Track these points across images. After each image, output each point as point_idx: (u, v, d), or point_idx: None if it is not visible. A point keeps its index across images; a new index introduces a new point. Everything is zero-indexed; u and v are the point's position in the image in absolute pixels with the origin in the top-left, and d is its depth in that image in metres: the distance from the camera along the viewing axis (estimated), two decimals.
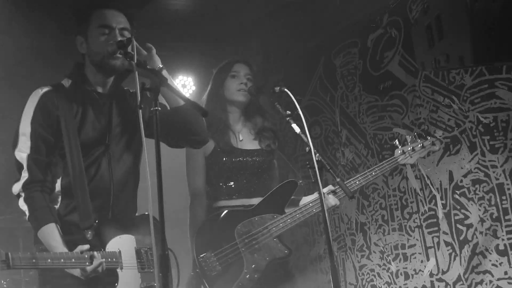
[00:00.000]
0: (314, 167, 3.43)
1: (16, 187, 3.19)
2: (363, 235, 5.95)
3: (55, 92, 3.30)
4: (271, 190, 4.15)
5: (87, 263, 3.00)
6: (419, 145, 4.33)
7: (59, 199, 3.29)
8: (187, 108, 3.32)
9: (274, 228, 3.99)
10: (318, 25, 6.27)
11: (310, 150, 3.51)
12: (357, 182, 4.16)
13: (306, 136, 3.55)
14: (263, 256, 3.95)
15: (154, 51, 3.35)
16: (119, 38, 3.22)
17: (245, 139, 4.26)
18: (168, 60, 3.61)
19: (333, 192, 4.11)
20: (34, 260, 2.89)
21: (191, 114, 3.36)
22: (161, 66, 3.33)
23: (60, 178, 3.28)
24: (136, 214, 3.51)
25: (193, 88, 7.02)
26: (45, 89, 3.30)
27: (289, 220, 4.02)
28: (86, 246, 3.05)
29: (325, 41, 6.34)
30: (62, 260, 2.96)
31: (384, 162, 4.29)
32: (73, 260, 2.99)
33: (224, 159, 4.17)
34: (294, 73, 6.61)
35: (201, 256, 3.89)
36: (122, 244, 3.22)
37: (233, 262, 3.91)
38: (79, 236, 3.16)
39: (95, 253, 3.04)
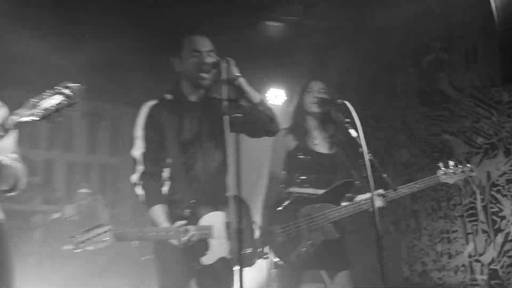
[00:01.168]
0: (365, 165, 3.35)
1: (134, 177, 3.30)
2: (415, 220, 5.76)
3: (161, 105, 3.39)
4: (333, 185, 4.08)
5: (183, 235, 3.07)
6: (459, 170, 4.14)
7: (167, 184, 3.36)
8: (261, 107, 3.36)
9: (330, 216, 3.92)
10: (383, 50, 6.12)
11: (362, 150, 3.41)
12: (403, 190, 4.02)
13: (360, 139, 3.46)
14: (318, 235, 3.89)
15: (233, 63, 3.28)
16: (207, 60, 3.28)
17: (319, 143, 4.21)
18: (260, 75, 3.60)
19: (382, 196, 3.98)
20: (140, 234, 3.04)
21: (263, 112, 3.38)
22: (238, 74, 3.30)
23: (167, 168, 3.36)
24: (226, 195, 3.49)
25: (284, 98, 7.04)
26: (152, 102, 3.40)
27: (343, 211, 3.95)
28: (183, 222, 3.12)
29: (390, 62, 6.17)
30: (163, 233, 3.07)
31: (427, 178, 4.12)
32: (171, 232, 3.07)
33: (301, 156, 4.13)
34: (363, 88, 6.48)
35: (270, 227, 3.86)
36: (213, 219, 3.25)
37: (293, 236, 3.85)
38: (179, 212, 3.21)
39: (190, 226, 3.10)
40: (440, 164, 4.12)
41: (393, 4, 5.05)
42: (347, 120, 3.64)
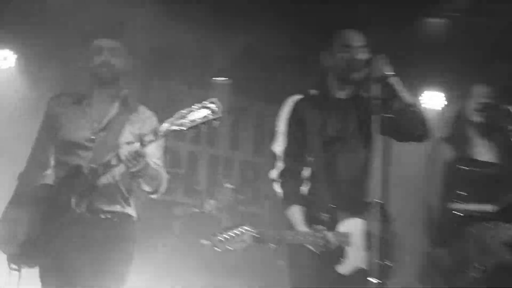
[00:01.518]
0: None
1: (273, 174, 3.22)
2: None
3: (305, 100, 3.29)
4: (506, 200, 3.57)
5: (321, 241, 2.96)
6: None
7: (307, 184, 3.21)
8: (413, 109, 3.12)
9: (503, 235, 3.48)
10: None
11: None
12: None
13: None
14: (490, 259, 3.44)
15: (386, 60, 3.05)
16: (358, 56, 3.13)
17: (483, 151, 3.74)
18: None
19: None
20: (278, 237, 2.97)
21: (415, 114, 3.13)
22: (389, 73, 3.05)
23: (308, 167, 3.21)
24: (368, 201, 3.21)
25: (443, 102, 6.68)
26: (297, 97, 3.31)
27: None
28: (321, 227, 2.99)
29: None
30: (301, 237, 3.01)
31: None
32: (309, 237, 2.99)
33: (462, 167, 3.69)
34: None
35: (433, 251, 3.57)
36: (353, 226, 3.09)
37: (460, 260, 3.47)
38: (317, 215, 3.08)
39: (328, 233, 2.98)
40: None
41: None
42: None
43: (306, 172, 3.23)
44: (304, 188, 3.22)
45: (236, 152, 7.24)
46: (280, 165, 3.20)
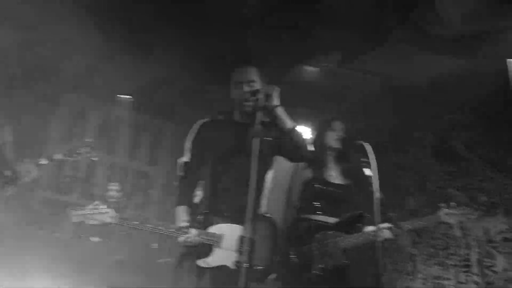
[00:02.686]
0: (376, 203, 3.40)
1: (174, 182, 3.49)
2: (412, 263, 5.73)
3: (210, 122, 3.59)
4: (346, 215, 4.11)
5: (183, 235, 3.17)
6: (460, 211, 4.12)
7: (201, 192, 3.47)
8: (294, 132, 3.40)
9: (341, 243, 3.96)
10: (408, 108, 6.15)
11: (376, 189, 3.47)
12: (407, 226, 4.04)
13: (375, 178, 3.51)
14: (329, 261, 3.93)
15: (275, 91, 3.34)
16: (247, 89, 3.42)
17: (334, 175, 4.26)
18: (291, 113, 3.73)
19: (390, 229, 4.00)
20: (141, 220, 3.16)
21: (296, 138, 3.41)
22: (277, 104, 3.35)
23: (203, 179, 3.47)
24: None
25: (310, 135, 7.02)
26: (204, 120, 3.61)
27: (353, 240, 3.97)
28: (186, 224, 3.22)
29: (411, 120, 6.19)
30: (160, 228, 3.18)
31: (431, 216, 4.12)
32: (171, 230, 3.18)
33: (317, 186, 4.19)
34: (384, 139, 6.50)
35: (285, 250, 3.89)
36: (227, 230, 3.26)
37: (306, 260, 3.90)
38: (197, 217, 3.31)
39: (193, 230, 3.19)
40: (442, 205, 4.12)
41: (426, 64, 5.05)
42: (364, 160, 3.71)
43: (203, 181, 3.47)
44: (199, 194, 3.46)
45: (133, 162, 7.44)
46: (180, 174, 3.47)
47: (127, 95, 6.76)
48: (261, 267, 3.26)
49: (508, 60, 3.25)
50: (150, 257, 6.12)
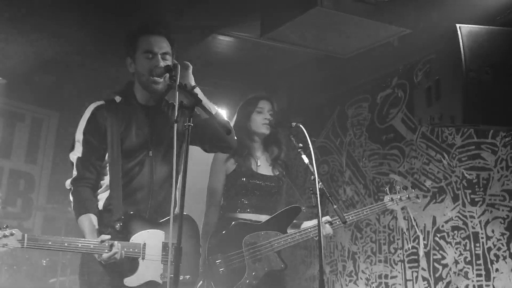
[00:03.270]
0: (316, 193, 3.41)
1: (67, 182, 3.26)
2: (353, 262, 5.88)
3: (106, 106, 3.32)
4: (278, 211, 4.12)
5: (106, 251, 2.98)
6: (405, 196, 4.30)
7: (106, 193, 3.27)
8: (217, 119, 3.26)
9: (276, 244, 3.96)
10: (337, 80, 6.31)
11: (314, 178, 3.48)
12: (350, 218, 4.13)
13: (313, 166, 3.53)
14: (263, 266, 3.92)
15: (190, 69, 3.26)
16: (161, 63, 3.20)
17: (262, 165, 4.23)
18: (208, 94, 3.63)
19: (330, 223, 4.06)
20: (50, 243, 2.92)
21: (219, 125, 3.27)
22: (194, 84, 3.26)
23: (107, 176, 3.28)
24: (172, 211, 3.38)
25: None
26: (98, 103, 3.33)
27: (289, 239, 3.99)
28: (107, 236, 3.02)
29: (342, 94, 6.36)
30: (79, 245, 2.97)
31: (374, 205, 4.29)
32: (91, 246, 2.98)
33: (243, 179, 4.13)
34: (312, 118, 6.62)
35: (211, 257, 3.85)
36: (149, 238, 3.16)
37: (236, 267, 3.86)
38: (112, 224, 3.14)
39: (115, 242, 3.01)
40: (387, 189, 4.26)
41: (353, 34, 5.21)
42: (300, 145, 3.72)
43: (106, 181, 3.26)
44: (103, 196, 3.26)
45: (7, 161, 7.05)
46: (74, 173, 3.22)
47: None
48: (189, 277, 3.20)
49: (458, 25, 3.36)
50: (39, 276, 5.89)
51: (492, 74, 3.36)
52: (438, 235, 5.01)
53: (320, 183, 3.49)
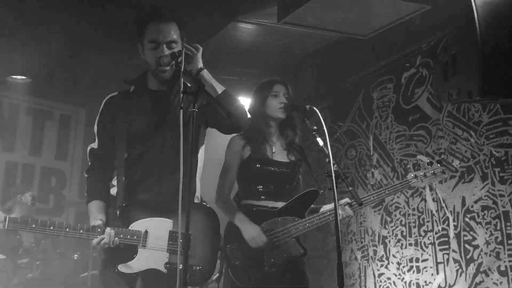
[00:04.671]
0: (332, 176, 3.34)
1: (85, 173, 3.35)
2: (383, 247, 5.79)
3: (119, 96, 3.36)
4: (295, 196, 4.05)
5: (97, 236, 3.00)
6: (430, 172, 4.16)
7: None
8: (224, 97, 3.21)
9: (293, 230, 3.88)
10: (361, 62, 6.22)
11: (329, 161, 3.41)
12: (371, 198, 4.04)
13: (327, 148, 3.46)
14: (282, 253, 3.86)
15: (200, 51, 3.20)
16: (166, 52, 3.17)
17: (277, 151, 4.15)
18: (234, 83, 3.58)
19: (349, 204, 3.98)
20: (34, 226, 2.97)
21: (229, 102, 3.22)
22: (201, 67, 3.20)
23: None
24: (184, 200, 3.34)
25: None
26: (111, 95, 3.38)
27: (307, 224, 3.92)
28: (98, 222, 3.06)
29: (366, 76, 6.26)
30: (67, 229, 3.01)
31: (397, 183, 4.15)
32: (81, 231, 3.02)
33: (257, 165, 4.04)
34: (338, 102, 6.54)
35: (228, 246, 3.81)
36: (153, 226, 3.13)
37: (254, 255, 3.80)
38: (115, 212, 3.15)
39: (108, 228, 3.02)
40: (410, 166, 4.14)
41: (373, 14, 5.12)
42: (315, 128, 3.65)
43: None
44: (115, 185, 3.25)
45: (38, 158, 7.17)
46: (89, 164, 3.30)
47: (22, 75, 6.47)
48: (200, 267, 3.15)
49: None
50: (71, 271, 5.97)
51: (509, 45, 3.23)
52: (468, 216, 4.89)
53: (336, 165, 3.40)
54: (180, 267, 2.61)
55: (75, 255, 6.11)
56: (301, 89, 6.72)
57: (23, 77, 6.48)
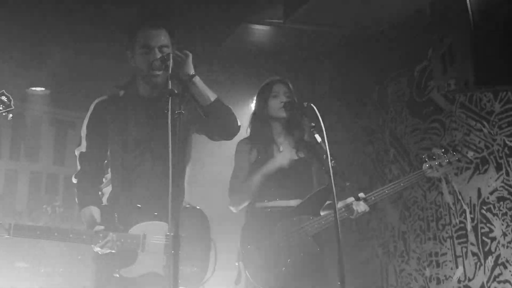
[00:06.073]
0: (329, 172, 3.34)
1: (73, 178, 3.36)
2: (403, 242, 5.74)
3: (108, 100, 3.40)
4: (309, 195, 4.05)
5: (100, 241, 3.04)
6: (445, 161, 4.11)
7: (111, 188, 3.35)
8: (216, 106, 3.24)
9: (309, 228, 3.91)
10: (374, 57, 6.17)
11: (327, 157, 3.40)
12: (386, 191, 4.03)
13: (325, 144, 3.46)
14: (298, 252, 3.88)
15: (190, 57, 3.19)
16: (158, 56, 3.19)
17: (285, 150, 4.18)
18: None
19: (364, 199, 3.98)
20: (38, 232, 3.02)
21: (220, 110, 3.26)
22: (193, 73, 3.19)
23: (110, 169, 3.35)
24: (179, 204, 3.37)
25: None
26: (100, 99, 3.42)
27: (323, 222, 3.94)
28: (101, 227, 3.09)
29: (379, 71, 6.20)
30: (70, 235, 3.04)
31: (412, 174, 4.13)
32: (84, 236, 3.05)
33: None
34: (354, 99, 6.50)
35: (245, 248, 3.84)
36: (151, 230, 3.18)
37: (271, 256, 3.83)
38: (113, 217, 3.20)
39: (110, 233, 3.07)
40: (425, 157, 4.09)
41: (382, 8, 5.08)
42: (313, 124, 3.66)
43: (110, 174, 3.35)
44: (108, 190, 3.34)
45: (62, 168, 7.30)
46: (78, 168, 3.32)
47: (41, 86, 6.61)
48: (196, 269, 3.20)
49: None
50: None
51: (503, 31, 3.19)
52: (484, 208, 4.82)
53: (333, 161, 3.40)
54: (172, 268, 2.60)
55: (79, 256, 6.17)
56: (317, 87, 6.73)
57: (42, 89, 6.60)
